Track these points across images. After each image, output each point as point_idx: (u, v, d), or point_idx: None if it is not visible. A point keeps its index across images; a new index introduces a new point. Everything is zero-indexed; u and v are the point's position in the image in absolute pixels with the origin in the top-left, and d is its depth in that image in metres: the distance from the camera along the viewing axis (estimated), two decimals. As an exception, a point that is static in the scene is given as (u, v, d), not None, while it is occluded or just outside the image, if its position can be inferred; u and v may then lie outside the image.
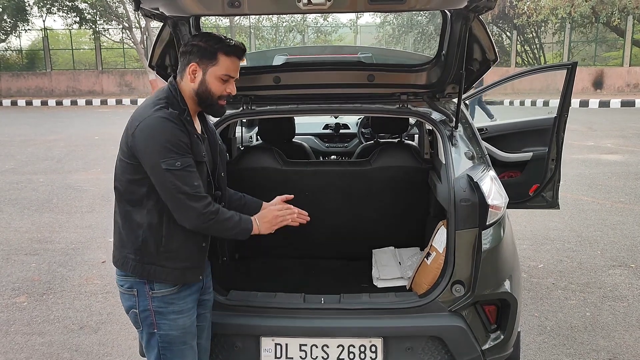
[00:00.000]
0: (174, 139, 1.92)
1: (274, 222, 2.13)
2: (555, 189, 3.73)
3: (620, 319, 3.86)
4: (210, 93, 2.03)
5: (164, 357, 2.12)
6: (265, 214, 2.16)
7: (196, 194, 1.93)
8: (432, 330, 2.45)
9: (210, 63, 2.01)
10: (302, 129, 5.11)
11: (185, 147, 1.95)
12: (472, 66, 2.83)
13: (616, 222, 6.00)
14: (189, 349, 2.15)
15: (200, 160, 2.04)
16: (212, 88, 2.03)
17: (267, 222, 2.12)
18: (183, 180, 1.91)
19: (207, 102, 2.05)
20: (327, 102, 3.00)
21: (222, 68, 2.02)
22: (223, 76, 2.03)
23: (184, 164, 1.93)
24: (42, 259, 5.19)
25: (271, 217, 2.13)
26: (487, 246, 2.40)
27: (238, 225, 2.04)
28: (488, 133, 4.05)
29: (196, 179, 1.95)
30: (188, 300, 2.13)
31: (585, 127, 13.31)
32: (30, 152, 11.20)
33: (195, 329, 2.19)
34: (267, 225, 2.12)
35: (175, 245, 2.03)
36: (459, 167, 2.58)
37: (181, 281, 2.08)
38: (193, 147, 2.00)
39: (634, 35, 22.43)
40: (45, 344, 3.63)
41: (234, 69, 2.05)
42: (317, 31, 29.25)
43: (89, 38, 27.44)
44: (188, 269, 2.08)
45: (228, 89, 2.06)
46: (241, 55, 2.06)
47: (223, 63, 2.01)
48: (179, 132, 1.94)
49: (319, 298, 2.57)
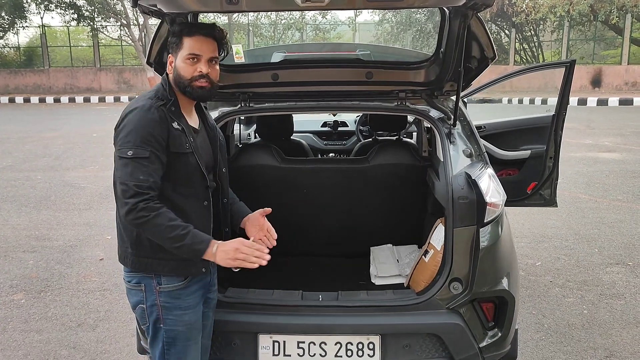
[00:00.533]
0: (141, 130, 1.93)
1: (233, 257, 1.93)
2: (553, 187, 3.74)
3: (617, 316, 3.87)
4: (180, 77, 2.05)
5: (167, 353, 2.12)
6: (229, 244, 1.96)
7: (135, 188, 1.88)
8: (429, 327, 2.46)
9: (178, 49, 2.05)
10: (300, 127, 5.10)
11: (151, 140, 1.93)
12: (470, 64, 2.83)
13: (614, 220, 6.01)
14: (193, 345, 2.15)
15: (181, 152, 2.02)
16: (181, 71, 2.04)
17: (225, 252, 1.93)
18: (127, 170, 1.90)
19: (181, 86, 2.06)
20: (325, 100, 3.00)
21: (186, 49, 2.03)
22: (188, 56, 2.03)
23: (136, 154, 1.91)
24: (40, 256, 5.19)
25: (232, 250, 1.94)
26: (485, 244, 2.41)
27: (181, 240, 1.89)
28: (486, 131, 4.06)
29: (144, 174, 1.91)
30: (195, 297, 2.13)
31: (584, 125, 13.32)
32: (28, 149, 11.18)
33: (200, 325, 2.19)
34: (224, 256, 1.93)
35: None
36: (457, 165, 2.58)
37: (180, 273, 2.07)
38: (171, 139, 1.99)
39: (632, 34, 22.45)
40: (43, 341, 3.63)
41: (198, 47, 2.04)
42: (315, 29, 29.20)
43: (87, 35, 27.34)
44: (186, 260, 2.06)
45: (199, 69, 2.04)
46: (207, 33, 2.05)
47: (187, 44, 2.04)
48: (151, 124, 1.94)
49: (317, 295, 2.57)
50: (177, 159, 2.01)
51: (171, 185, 2.03)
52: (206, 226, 2.13)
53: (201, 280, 2.17)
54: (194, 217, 2.06)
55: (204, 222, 2.12)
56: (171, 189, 2.03)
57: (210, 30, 2.07)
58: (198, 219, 2.08)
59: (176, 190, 2.05)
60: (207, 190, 2.13)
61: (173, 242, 1.91)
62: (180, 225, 1.91)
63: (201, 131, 2.21)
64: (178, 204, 2.04)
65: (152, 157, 1.94)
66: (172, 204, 2.02)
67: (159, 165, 1.96)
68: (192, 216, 2.06)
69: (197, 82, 2.04)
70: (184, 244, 1.90)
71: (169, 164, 2.00)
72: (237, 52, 2.91)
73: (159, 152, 1.96)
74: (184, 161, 2.04)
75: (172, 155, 2.00)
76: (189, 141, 2.05)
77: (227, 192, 2.33)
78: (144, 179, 1.91)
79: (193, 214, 2.07)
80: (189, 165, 2.05)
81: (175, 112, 2.04)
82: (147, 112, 1.97)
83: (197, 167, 2.08)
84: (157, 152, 1.95)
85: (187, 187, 2.07)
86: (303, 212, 3.42)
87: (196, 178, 2.09)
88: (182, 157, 2.03)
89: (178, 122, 2.04)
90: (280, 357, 2.47)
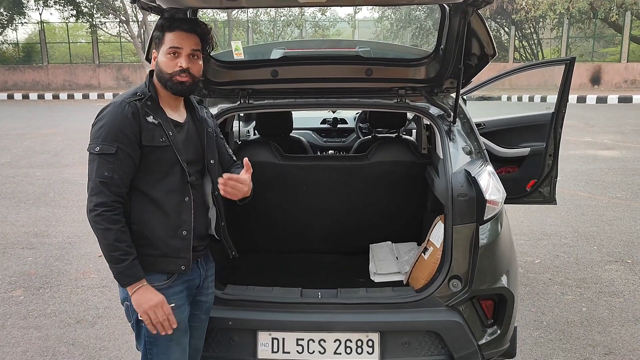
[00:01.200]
0: (111, 126, 1.94)
1: (143, 309, 1.97)
2: (553, 184, 3.74)
3: (616, 314, 3.87)
4: (162, 71, 2.04)
5: (149, 352, 2.11)
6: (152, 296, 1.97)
7: (100, 186, 1.91)
8: (429, 325, 2.45)
9: (160, 44, 2.05)
10: (300, 124, 5.10)
11: (120, 136, 1.94)
12: (470, 61, 2.82)
13: (613, 218, 6.02)
14: (175, 346, 2.12)
15: (155, 145, 2.00)
16: (162, 66, 2.04)
17: (141, 299, 1.96)
18: (94, 165, 1.94)
19: (163, 81, 2.05)
20: (325, 97, 2.99)
21: (167, 43, 2.03)
22: (169, 50, 2.03)
23: (103, 151, 1.93)
24: (39, 252, 5.18)
25: (148, 303, 1.97)
26: (485, 241, 2.40)
27: (117, 262, 1.93)
28: (486, 128, 4.05)
29: (109, 170, 1.92)
30: (179, 297, 2.10)
31: (583, 123, 13.33)
32: (27, 145, 11.17)
33: (185, 326, 2.16)
34: (138, 301, 1.96)
35: (147, 232, 2.02)
36: (456, 162, 2.58)
37: (158, 270, 2.05)
38: (143, 133, 1.98)
39: (631, 32, 22.45)
40: (42, 338, 3.63)
41: (179, 42, 2.03)
42: (315, 26, 29.17)
43: (86, 31, 27.28)
44: (162, 257, 2.04)
45: (179, 63, 2.03)
46: (188, 27, 2.04)
47: (167, 38, 2.03)
48: (122, 120, 1.95)
49: (316, 293, 2.57)
50: (151, 152, 2.00)
51: (148, 180, 2.02)
52: (186, 222, 2.08)
53: (187, 282, 2.15)
54: (172, 213, 2.05)
55: (184, 218, 2.08)
56: (149, 183, 2.02)
57: (191, 25, 2.06)
58: (177, 215, 2.06)
59: (154, 186, 2.03)
60: (187, 185, 2.09)
61: (111, 259, 1.94)
62: (123, 250, 1.93)
63: (187, 125, 2.17)
64: (156, 200, 2.03)
65: (120, 153, 1.94)
66: (150, 199, 2.02)
67: (128, 162, 1.96)
68: (171, 212, 2.04)
69: (177, 76, 2.03)
70: (117, 267, 1.95)
71: (142, 158, 1.99)
72: (236, 48, 2.90)
73: (128, 147, 1.95)
74: (159, 155, 2.02)
75: (145, 148, 1.99)
76: (166, 135, 2.03)
77: (216, 185, 2.25)
78: (108, 176, 1.92)
79: (172, 210, 2.05)
80: (165, 159, 2.03)
81: (151, 106, 2.03)
82: (118, 107, 1.97)
83: (177, 161, 2.05)
84: (126, 148, 1.95)
85: (165, 182, 2.05)
86: (302, 210, 3.41)
87: (175, 172, 2.06)
88: (156, 150, 2.01)
89: (154, 116, 2.02)
90: (279, 354, 2.47)
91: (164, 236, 2.04)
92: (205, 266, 2.27)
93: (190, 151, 2.14)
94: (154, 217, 2.03)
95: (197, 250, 2.17)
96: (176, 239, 2.06)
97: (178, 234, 2.06)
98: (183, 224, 2.07)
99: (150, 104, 2.04)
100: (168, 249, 2.05)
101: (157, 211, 2.02)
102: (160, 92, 2.09)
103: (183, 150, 2.08)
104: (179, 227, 2.07)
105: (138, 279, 1.97)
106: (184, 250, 2.09)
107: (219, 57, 2.98)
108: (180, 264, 2.09)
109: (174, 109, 2.14)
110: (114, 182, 1.93)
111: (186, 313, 2.17)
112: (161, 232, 2.04)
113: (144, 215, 2.02)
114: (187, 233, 2.08)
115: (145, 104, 2.02)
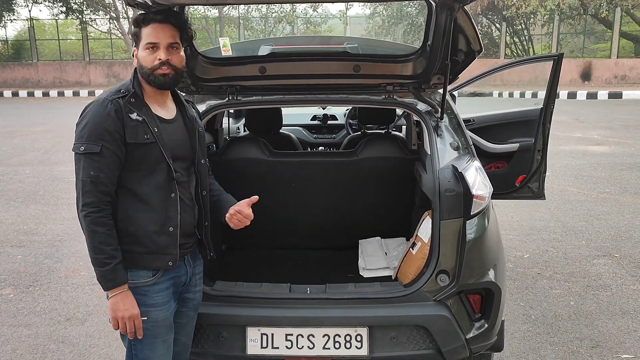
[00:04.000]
0: (94, 125, 1.95)
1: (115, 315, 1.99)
2: (542, 179, 3.76)
3: (603, 307, 3.91)
4: (142, 67, 2.04)
5: (134, 348, 2.12)
6: (128, 305, 1.99)
7: (90, 185, 1.93)
8: (417, 319, 2.47)
9: (139, 40, 2.05)
10: (290, 120, 5.10)
11: (103, 134, 1.94)
12: (457, 57, 2.83)
13: (601, 213, 6.06)
14: (160, 343, 2.12)
15: (139, 142, 2.00)
16: (142, 61, 2.04)
17: (117, 305, 1.98)
18: (80, 165, 1.96)
19: (145, 76, 2.05)
20: (313, 93, 2.99)
21: (144, 39, 2.03)
22: (147, 45, 2.02)
23: (88, 150, 1.94)
24: (28, 250, 5.16)
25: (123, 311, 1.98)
26: (472, 236, 2.42)
27: (101, 265, 1.94)
28: (475, 124, 4.07)
29: (95, 169, 1.93)
30: (164, 294, 2.10)
31: (573, 118, 13.41)
32: (16, 143, 11.10)
33: (170, 323, 2.16)
34: (113, 307, 1.98)
35: (133, 229, 2.02)
36: (444, 158, 2.60)
37: (145, 265, 2.05)
38: (127, 130, 1.98)
39: (621, 28, 22.58)
40: (32, 336, 3.62)
41: (155, 35, 2.02)
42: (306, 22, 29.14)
43: (76, 28, 27.16)
44: (149, 253, 2.04)
45: (158, 57, 2.02)
46: (162, 19, 2.03)
47: (144, 34, 2.03)
48: (104, 117, 1.95)
49: (305, 288, 2.58)
50: (135, 149, 2.00)
51: (134, 176, 2.02)
52: (173, 218, 2.08)
53: (173, 278, 2.15)
54: (158, 210, 2.05)
55: (171, 214, 2.08)
56: (135, 180, 2.02)
57: (165, 16, 2.05)
58: (163, 211, 2.06)
59: (140, 183, 2.03)
60: (172, 181, 2.08)
61: (95, 261, 1.96)
62: (108, 253, 1.95)
63: (176, 122, 2.17)
64: (142, 196, 2.03)
65: (104, 151, 1.94)
66: (136, 196, 2.02)
67: (114, 160, 1.97)
68: (157, 209, 2.05)
69: (158, 70, 2.02)
70: (100, 270, 1.96)
71: (128, 155, 1.99)
72: (224, 45, 2.89)
73: (112, 145, 1.95)
74: (144, 151, 2.01)
75: (129, 145, 1.99)
76: (151, 131, 2.02)
77: (205, 184, 2.28)
78: (94, 175, 1.93)
79: (158, 207, 2.05)
80: (151, 155, 2.03)
81: (135, 103, 2.02)
82: (100, 106, 1.98)
83: (162, 157, 2.04)
84: (110, 146, 1.95)
85: (152, 179, 2.04)
86: (291, 206, 3.42)
87: (161, 169, 2.05)
88: (140, 147, 2.01)
89: (138, 113, 2.01)
90: (268, 349, 2.47)
91: (150, 232, 2.04)
92: (192, 263, 2.27)
93: (178, 148, 2.13)
94: (141, 214, 2.03)
95: (184, 247, 2.16)
96: (163, 235, 2.06)
97: (165, 230, 2.06)
98: (169, 220, 2.07)
99: (133, 100, 2.03)
100: (154, 245, 2.05)
101: (144, 207, 2.03)
102: (145, 88, 2.08)
103: (169, 146, 2.07)
104: (166, 224, 2.06)
105: (120, 284, 1.99)
106: (170, 247, 2.08)
107: (207, 54, 2.97)
108: (167, 260, 2.08)
109: (160, 104, 2.13)
110: (100, 180, 1.94)
111: (172, 310, 2.16)
112: (147, 228, 2.03)
113: (130, 211, 2.02)
114: (174, 229, 2.08)
115: (128, 101, 2.01)
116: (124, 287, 1.99)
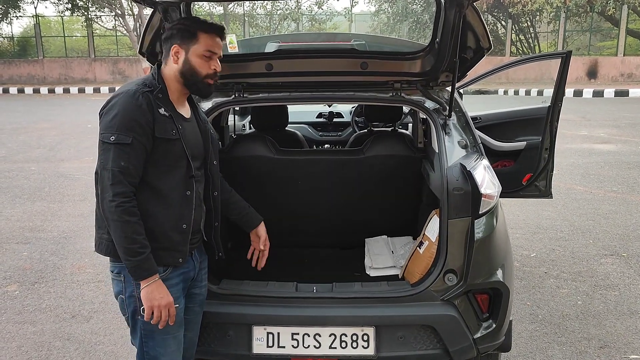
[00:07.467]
0: (125, 115, 1.93)
1: (150, 304, 1.97)
2: (549, 178, 3.73)
3: (611, 307, 3.88)
4: (195, 71, 2.05)
5: (145, 345, 2.11)
6: (162, 294, 1.99)
7: (120, 175, 1.90)
8: (424, 319, 2.45)
9: (191, 42, 2.04)
10: (295, 118, 5.08)
11: (134, 126, 1.93)
12: (465, 54, 2.80)
13: (609, 212, 6.03)
14: (171, 339, 2.12)
15: (167, 138, 2.01)
16: (196, 66, 2.04)
17: (151, 294, 1.97)
18: (109, 155, 1.91)
19: (192, 80, 2.06)
20: (320, 90, 2.97)
21: (203, 45, 2.04)
22: (205, 52, 2.04)
23: (119, 140, 1.91)
24: (34, 247, 5.17)
25: (158, 300, 1.98)
26: (480, 235, 2.40)
27: (133, 255, 1.92)
28: (482, 122, 4.04)
29: (125, 160, 1.91)
30: (174, 290, 2.10)
31: (579, 116, 13.34)
32: (22, 140, 11.12)
33: (181, 319, 2.16)
34: (147, 296, 1.97)
35: (150, 224, 2.00)
36: (452, 156, 2.57)
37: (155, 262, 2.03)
38: (156, 125, 1.98)
39: (628, 25, 22.44)
40: (37, 333, 3.62)
41: (216, 46, 2.07)
42: (311, 19, 29.08)
43: (82, 25, 27.19)
44: (162, 249, 2.04)
45: (213, 66, 2.07)
46: (220, 33, 2.08)
47: (203, 40, 2.04)
48: (136, 109, 1.94)
49: (312, 287, 2.57)
50: (161, 144, 2.00)
51: (155, 171, 2.02)
52: (187, 215, 2.09)
53: (182, 274, 2.15)
54: (175, 206, 2.06)
55: (185, 212, 2.09)
56: (155, 175, 2.02)
57: (222, 31, 2.11)
58: (178, 207, 2.07)
59: (160, 178, 2.03)
60: (191, 179, 2.10)
61: (127, 252, 1.93)
62: (140, 243, 1.93)
63: (192, 121, 2.20)
64: (161, 192, 2.03)
65: (135, 143, 1.93)
66: (155, 191, 2.02)
67: (142, 152, 1.96)
68: (173, 204, 2.05)
69: (210, 79, 2.08)
70: (133, 260, 1.93)
71: (153, 149, 1.99)
72: (230, 41, 2.88)
73: (142, 138, 1.95)
74: (168, 147, 2.02)
75: (157, 140, 1.99)
76: (176, 128, 2.04)
77: (217, 185, 2.31)
78: (124, 166, 1.91)
79: (175, 203, 2.06)
80: (174, 152, 2.04)
81: (162, 99, 2.03)
82: (132, 97, 1.96)
83: (183, 154, 2.07)
84: (140, 138, 1.94)
85: (171, 175, 2.06)
86: (297, 204, 3.40)
87: (181, 166, 2.08)
88: (167, 143, 2.02)
89: (165, 109, 2.03)
90: (274, 348, 2.46)
91: (165, 229, 2.05)
92: (199, 258, 2.29)
93: (195, 147, 2.17)
94: (158, 209, 2.03)
95: (192, 242, 2.18)
96: (176, 232, 2.07)
97: (179, 227, 2.08)
98: (184, 218, 2.09)
99: (161, 96, 2.04)
100: (168, 241, 2.06)
101: (161, 203, 2.03)
102: (171, 86, 2.09)
103: (191, 145, 2.11)
104: (180, 220, 2.08)
105: (153, 272, 1.98)
106: (182, 244, 2.10)
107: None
108: (177, 256, 2.10)
109: (181, 104, 2.15)
110: (129, 172, 1.93)
111: (181, 306, 2.17)
112: (164, 224, 2.04)
113: (148, 207, 2.01)
114: (187, 227, 2.10)
115: (156, 96, 2.02)
116: (157, 276, 1.99)
